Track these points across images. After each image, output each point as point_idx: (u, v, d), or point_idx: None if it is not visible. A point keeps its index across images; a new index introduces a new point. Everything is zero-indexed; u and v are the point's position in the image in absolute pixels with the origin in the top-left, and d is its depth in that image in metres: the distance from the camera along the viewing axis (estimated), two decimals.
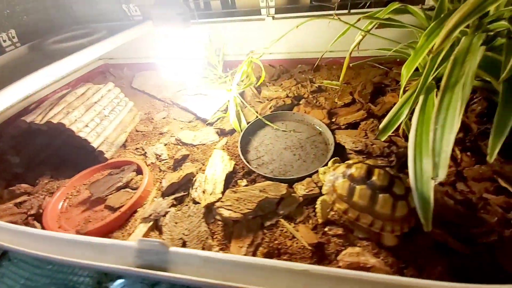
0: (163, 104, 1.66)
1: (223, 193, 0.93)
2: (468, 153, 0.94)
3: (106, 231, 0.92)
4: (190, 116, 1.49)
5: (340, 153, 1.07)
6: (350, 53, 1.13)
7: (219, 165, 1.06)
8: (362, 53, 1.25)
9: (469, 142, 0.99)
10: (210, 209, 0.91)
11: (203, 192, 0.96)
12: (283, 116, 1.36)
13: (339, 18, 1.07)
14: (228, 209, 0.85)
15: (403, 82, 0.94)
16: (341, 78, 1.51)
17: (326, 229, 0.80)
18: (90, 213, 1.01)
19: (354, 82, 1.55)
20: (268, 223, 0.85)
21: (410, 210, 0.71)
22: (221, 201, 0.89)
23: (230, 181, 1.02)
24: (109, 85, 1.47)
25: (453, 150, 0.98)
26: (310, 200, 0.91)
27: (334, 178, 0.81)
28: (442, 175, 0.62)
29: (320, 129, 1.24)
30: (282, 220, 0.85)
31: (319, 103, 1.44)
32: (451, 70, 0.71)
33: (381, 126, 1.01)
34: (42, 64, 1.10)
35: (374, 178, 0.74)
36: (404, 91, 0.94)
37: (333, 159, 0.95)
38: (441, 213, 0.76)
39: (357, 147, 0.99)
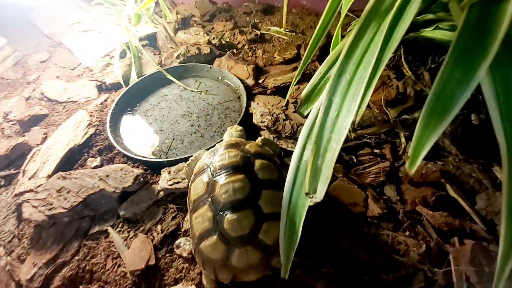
0: (50, 42, 1.24)
1: (49, 176, 0.63)
2: None
3: None
4: (75, 61, 1.09)
5: (254, 127, 0.77)
6: None
7: (66, 135, 0.73)
8: None
9: None
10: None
11: (23, 173, 0.65)
12: (198, 71, 0.99)
13: None
14: (35, 205, 0.55)
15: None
16: (283, 24, 1.13)
17: (176, 245, 0.53)
18: None
19: (310, 32, 1.16)
20: (95, 230, 0.57)
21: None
22: (35, 191, 0.59)
23: (77, 158, 0.71)
24: None
25: (398, 133, 0.69)
26: (176, 196, 0.62)
27: (194, 173, 0.51)
28: (320, 193, 0.34)
29: (240, 93, 0.91)
30: (110, 228, 0.57)
31: (255, 56, 1.07)
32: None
33: (302, 94, 0.68)
34: None
35: (231, 186, 0.44)
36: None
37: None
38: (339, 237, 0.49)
39: (263, 122, 0.68)
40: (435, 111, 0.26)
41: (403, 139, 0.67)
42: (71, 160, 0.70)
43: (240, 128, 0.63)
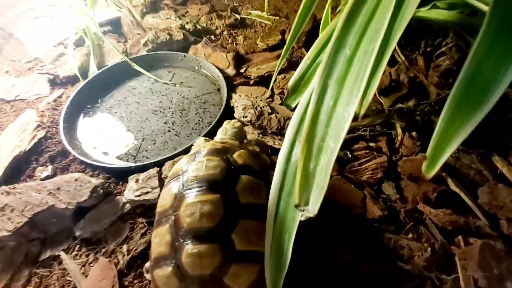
0: (1, 34, 1.07)
1: None
2: (413, 134, 0.60)
3: None
4: (26, 53, 0.94)
5: None
6: None
7: (11, 141, 0.62)
8: None
9: (421, 114, 0.65)
10: None
11: None
12: (170, 60, 0.88)
13: None
14: None
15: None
16: (265, 7, 1.04)
17: (145, 269, 0.45)
18: None
19: (295, 16, 1.08)
20: (46, 255, 0.48)
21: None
22: None
23: (24, 168, 0.59)
24: None
25: (394, 124, 0.64)
26: (146, 208, 0.53)
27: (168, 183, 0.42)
28: (313, 206, 0.27)
29: (219, 84, 0.81)
30: (62, 253, 0.47)
31: (235, 43, 0.97)
32: None
33: (289, 84, 0.61)
34: None
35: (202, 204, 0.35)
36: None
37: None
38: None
39: (246, 116, 0.60)
40: (466, 99, 0.20)
41: (399, 130, 0.61)
42: (17, 171, 0.59)
43: (238, 124, 0.51)
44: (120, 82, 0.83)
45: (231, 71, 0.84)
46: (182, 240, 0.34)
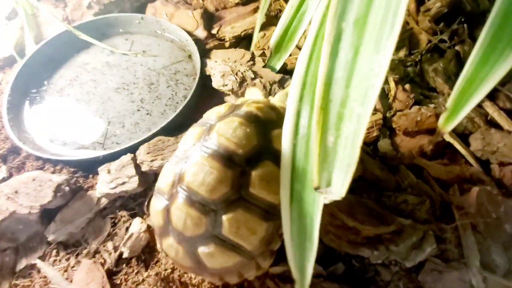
0: None
1: None
2: (407, 86, 0.57)
3: None
4: None
5: (214, 93, 0.62)
6: None
7: None
8: None
9: (412, 65, 0.62)
10: None
11: None
12: (125, 25, 0.75)
13: None
14: None
15: None
16: None
17: (131, 269, 0.41)
18: None
19: None
20: (22, 265, 0.43)
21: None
22: None
23: None
24: None
25: (386, 81, 0.60)
26: (127, 199, 0.48)
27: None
28: (339, 188, 0.23)
29: (190, 50, 0.71)
30: (38, 261, 0.42)
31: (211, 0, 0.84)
32: None
33: (271, 42, 0.53)
34: None
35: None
36: None
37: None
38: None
39: (226, 85, 0.53)
40: (505, 29, 0.16)
41: (392, 84, 0.58)
42: None
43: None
44: (68, 58, 0.70)
45: (201, 32, 0.73)
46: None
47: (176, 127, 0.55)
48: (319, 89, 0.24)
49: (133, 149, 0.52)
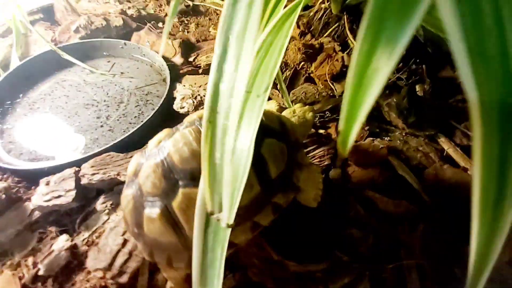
0: None
1: None
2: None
3: None
4: None
5: (175, 115, 0.64)
6: None
7: None
8: None
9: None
10: None
11: None
12: (109, 49, 0.81)
13: None
14: None
15: None
16: None
17: None
18: None
19: None
20: None
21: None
22: None
23: None
24: None
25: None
26: (62, 215, 0.47)
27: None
28: (227, 214, 0.22)
29: (165, 74, 0.76)
30: None
31: (186, 31, 0.92)
32: None
33: None
34: None
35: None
36: None
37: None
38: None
39: (183, 107, 0.55)
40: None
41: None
42: None
43: (310, 114, 0.46)
44: (48, 74, 0.75)
45: (178, 59, 0.79)
46: None
47: (133, 145, 0.56)
48: (207, 100, 0.24)
49: (80, 163, 0.52)
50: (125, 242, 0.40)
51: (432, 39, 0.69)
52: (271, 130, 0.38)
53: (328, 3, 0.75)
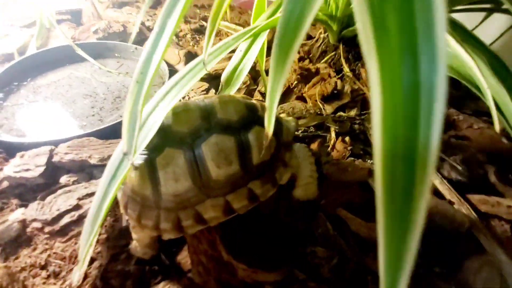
0: None
1: None
2: (347, 139, 0.58)
3: None
4: None
5: None
6: None
7: None
8: None
9: (360, 122, 0.64)
10: None
11: None
12: (121, 51, 0.88)
13: None
14: None
15: None
16: (228, 16, 1.10)
17: None
18: None
19: None
20: None
21: None
22: None
23: None
24: None
25: (329, 130, 0.61)
26: (27, 190, 0.47)
27: None
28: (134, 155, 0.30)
29: (165, 78, 0.81)
30: None
31: (196, 46, 0.99)
32: None
33: (223, 77, 0.60)
34: None
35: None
36: None
37: None
38: None
39: None
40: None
41: (333, 134, 0.60)
42: None
43: (293, 123, 0.47)
44: (59, 66, 0.81)
45: (181, 67, 0.84)
46: None
47: (116, 134, 0.58)
48: (139, 65, 0.33)
49: (55, 143, 0.53)
50: (78, 206, 0.39)
51: None
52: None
53: (326, 34, 0.80)
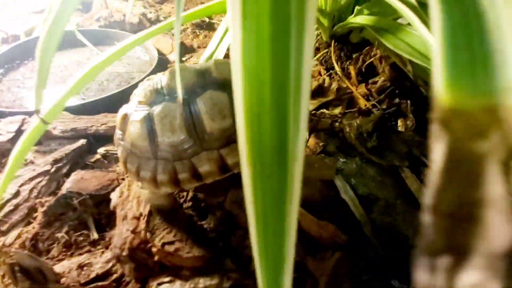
0: None
1: None
2: (320, 135, 0.55)
3: None
4: None
5: None
6: None
7: None
8: None
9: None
10: None
11: None
12: (120, 39, 0.91)
13: None
14: None
15: None
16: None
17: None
18: None
19: None
20: None
21: None
22: None
23: None
24: None
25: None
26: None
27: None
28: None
29: (152, 64, 0.83)
30: None
31: (194, 39, 1.02)
32: None
33: (200, 61, 0.61)
34: None
35: None
36: None
37: None
38: None
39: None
40: None
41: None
42: None
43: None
44: (61, 49, 0.86)
45: (173, 57, 0.86)
46: None
47: (89, 112, 0.60)
48: None
49: (29, 113, 0.56)
50: (18, 193, 0.40)
51: (423, 78, 0.66)
52: None
53: (319, 31, 0.78)
